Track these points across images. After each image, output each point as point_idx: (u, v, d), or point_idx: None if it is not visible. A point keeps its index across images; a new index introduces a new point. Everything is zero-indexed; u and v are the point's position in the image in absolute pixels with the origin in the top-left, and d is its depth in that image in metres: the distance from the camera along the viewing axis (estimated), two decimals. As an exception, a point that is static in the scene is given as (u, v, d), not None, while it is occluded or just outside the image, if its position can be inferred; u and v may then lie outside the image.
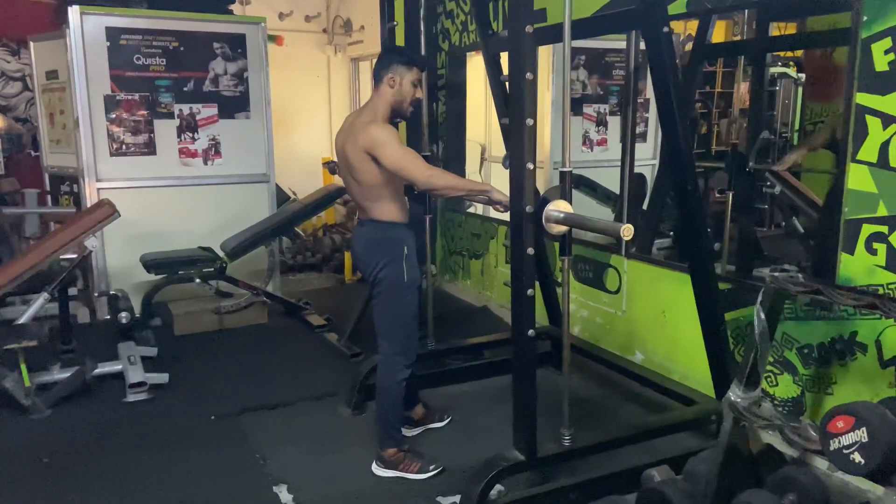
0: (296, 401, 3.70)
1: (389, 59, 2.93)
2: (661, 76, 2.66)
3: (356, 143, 2.82)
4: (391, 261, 2.92)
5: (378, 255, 2.95)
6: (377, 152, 2.77)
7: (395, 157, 2.77)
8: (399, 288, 2.93)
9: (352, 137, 2.85)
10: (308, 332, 4.78)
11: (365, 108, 2.95)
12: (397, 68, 2.88)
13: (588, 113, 5.92)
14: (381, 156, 2.77)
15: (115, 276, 5.01)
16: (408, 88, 2.90)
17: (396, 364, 2.98)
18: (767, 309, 2.59)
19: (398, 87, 2.88)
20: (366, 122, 2.83)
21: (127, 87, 4.93)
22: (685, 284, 3.17)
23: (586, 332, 4.33)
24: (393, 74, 2.87)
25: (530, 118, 2.39)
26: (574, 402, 3.60)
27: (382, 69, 2.90)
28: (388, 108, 2.90)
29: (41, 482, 2.93)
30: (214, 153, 5.24)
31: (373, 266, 2.95)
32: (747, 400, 2.61)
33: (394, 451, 3.00)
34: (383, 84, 2.88)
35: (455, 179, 2.94)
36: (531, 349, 2.57)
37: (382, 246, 2.96)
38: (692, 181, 2.76)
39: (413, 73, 2.91)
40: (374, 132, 2.78)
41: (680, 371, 3.62)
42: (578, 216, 2.46)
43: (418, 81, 2.94)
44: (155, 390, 3.79)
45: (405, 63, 2.90)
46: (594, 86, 5.95)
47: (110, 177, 4.96)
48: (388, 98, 2.89)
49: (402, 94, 2.90)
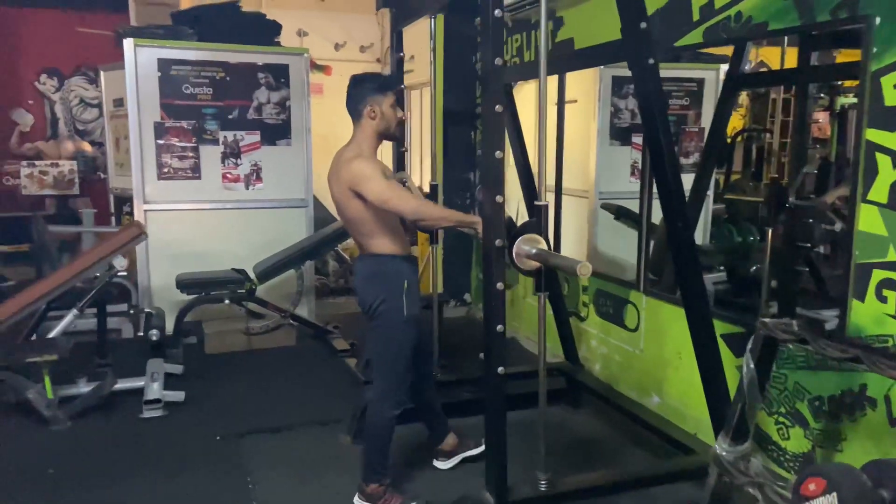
0: (300, 425, 3.72)
1: (361, 90, 2.90)
2: (648, 109, 2.56)
3: (340, 180, 2.82)
4: (390, 295, 2.89)
5: (377, 290, 2.91)
6: (361, 188, 2.76)
7: (378, 191, 2.75)
8: (397, 323, 2.89)
9: (336, 175, 2.86)
10: (331, 357, 4.83)
11: (349, 145, 2.93)
12: (373, 97, 2.86)
13: (637, 142, 5.77)
14: (364, 191, 2.75)
15: (158, 294, 5.22)
16: (389, 113, 2.89)
17: (388, 400, 2.93)
18: (757, 357, 2.43)
19: (379, 116, 2.87)
20: (349, 159, 2.82)
21: (175, 114, 5.18)
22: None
23: (605, 370, 4.17)
24: (371, 105, 2.86)
25: (499, 151, 2.34)
26: (581, 442, 3.53)
27: (358, 103, 2.88)
28: (374, 140, 2.90)
29: (40, 492, 3.05)
30: (256, 178, 5.42)
31: (372, 300, 2.92)
32: (734, 454, 2.45)
33: (375, 487, 2.95)
34: (363, 118, 2.87)
35: (444, 211, 2.92)
36: (501, 387, 2.49)
37: (381, 280, 2.92)
38: (683, 218, 2.63)
39: (389, 96, 2.90)
40: (356, 168, 2.77)
41: (694, 417, 3.43)
42: (545, 252, 2.38)
43: (396, 102, 2.93)
44: (170, 407, 3.90)
45: (379, 90, 2.88)
46: (646, 115, 5.80)
47: (157, 199, 5.20)
48: (372, 130, 2.88)
49: (386, 121, 2.88)
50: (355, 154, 2.84)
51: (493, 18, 2.25)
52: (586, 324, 4.38)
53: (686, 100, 5.56)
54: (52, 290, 3.78)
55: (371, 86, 2.89)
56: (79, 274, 3.87)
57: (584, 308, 4.39)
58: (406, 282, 2.91)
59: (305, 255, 4.90)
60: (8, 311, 3.62)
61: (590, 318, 4.34)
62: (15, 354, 3.60)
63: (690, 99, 5.55)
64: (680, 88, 5.55)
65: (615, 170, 5.40)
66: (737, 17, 3.00)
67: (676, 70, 5.50)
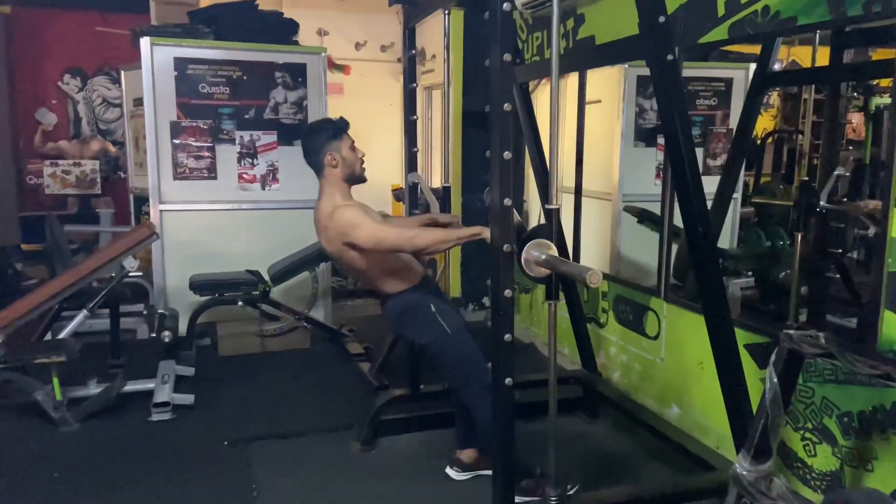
0: (309, 431, 3.65)
1: (316, 141, 2.86)
2: (667, 108, 2.43)
3: (330, 238, 2.81)
4: (426, 327, 2.89)
5: (411, 328, 2.94)
6: (352, 238, 2.73)
7: (369, 235, 2.72)
8: (450, 341, 2.88)
9: (325, 234, 2.84)
10: (345, 361, 4.75)
11: (322, 198, 2.89)
12: (329, 145, 2.83)
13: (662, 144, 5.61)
14: (356, 239, 2.73)
15: (174, 294, 5.19)
16: (350, 156, 2.86)
17: None
18: (780, 371, 2.29)
19: (341, 163, 2.83)
20: (329, 214, 2.79)
21: (192, 114, 5.14)
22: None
23: (625, 378, 4.04)
24: (330, 154, 2.82)
25: (507, 152, 2.23)
26: (597, 455, 3.40)
27: (316, 155, 2.84)
28: (343, 187, 2.86)
29: (43, 496, 3.01)
30: (272, 179, 5.36)
31: (412, 338, 2.96)
32: (754, 474, 2.31)
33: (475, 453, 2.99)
34: (325, 168, 2.84)
35: (441, 233, 2.82)
36: (510, 400, 2.37)
37: (409, 317, 2.94)
38: (704, 223, 2.50)
39: (346, 139, 2.87)
40: (340, 219, 2.75)
41: (716, 430, 3.28)
42: (555, 258, 2.26)
43: (353, 142, 2.89)
44: (179, 411, 3.85)
45: (334, 136, 2.84)
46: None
47: (173, 199, 5.16)
48: (337, 178, 2.85)
49: (349, 166, 2.85)
50: (332, 206, 2.80)
51: (501, 12, 2.14)
52: (605, 330, 4.24)
53: (714, 100, 5.41)
54: (61, 292, 3.75)
55: (325, 134, 2.85)
56: (88, 275, 3.84)
57: (604, 314, 4.26)
58: (431, 305, 2.90)
59: (320, 258, 4.82)
60: (15, 314, 3.59)
61: (609, 325, 4.21)
62: (24, 355, 3.57)
63: (718, 99, 5.40)
64: (707, 88, 5.40)
65: (639, 172, 5.27)
66: (764, 12, 2.85)
67: (704, 69, 5.35)
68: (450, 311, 2.99)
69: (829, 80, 3.86)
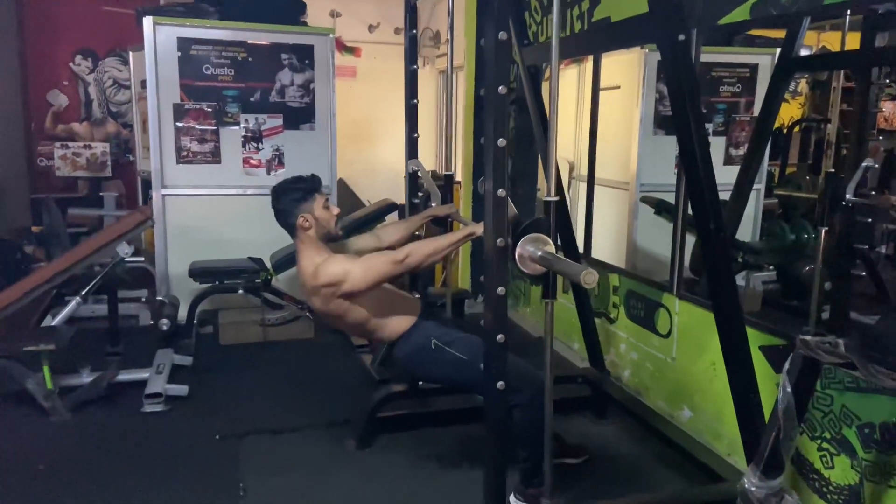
0: (304, 426, 3.52)
1: (286, 204, 2.73)
2: (677, 91, 2.24)
3: (324, 298, 2.70)
4: (439, 361, 2.76)
5: (425, 368, 2.83)
6: (346, 288, 2.64)
7: (362, 276, 2.63)
8: (471, 366, 2.65)
9: (317, 298, 2.73)
10: (347, 352, 4.62)
11: (301, 261, 2.77)
12: (300, 207, 2.70)
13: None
14: (352, 287, 2.64)
15: (177, 281, 5.09)
16: (324, 215, 2.74)
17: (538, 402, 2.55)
18: (795, 379, 2.11)
19: (313, 223, 2.71)
20: (313, 274, 2.67)
21: (195, 96, 5.02)
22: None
23: (635, 377, 3.86)
24: (301, 216, 2.70)
25: (502, 139, 2.06)
26: (601, 459, 3.23)
27: (287, 217, 2.73)
28: (319, 246, 2.74)
29: (25, 489, 2.92)
30: (278, 164, 5.23)
31: (432, 377, 2.87)
32: (764, 490, 2.14)
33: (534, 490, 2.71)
34: (298, 230, 2.71)
35: (433, 243, 2.69)
36: (502, 403, 2.22)
37: (418, 358, 2.81)
38: (716, 216, 2.31)
39: (318, 198, 2.74)
40: (327, 276, 2.64)
41: (728, 436, 3.10)
42: (551, 255, 2.09)
43: (326, 199, 2.77)
44: (173, 402, 3.75)
45: (304, 197, 2.72)
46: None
47: (176, 183, 5.06)
48: (312, 238, 2.73)
49: (323, 224, 2.74)
50: (314, 266, 2.68)
51: (495, -15, 1.97)
52: (616, 326, 4.06)
53: (738, 87, 5.17)
54: (52, 278, 3.65)
55: (295, 196, 2.72)
56: (79, 261, 3.74)
57: (615, 310, 4.08)
58: (433, 340, 2.77)
59: (323, 245, 4.68)
60: (5, 301, 3.50)
61: (620, 321, 4.03)
62: (13, 343, 3.48)
63: (742, 86, 5.16)
64: (731, 74, 5.17)
65: (658, 161, 5.05)
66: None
67: (728, 55, 5.12)
68: (457, 335, 2.83)
69: (859, 65, 3.61)
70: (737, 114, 5.18)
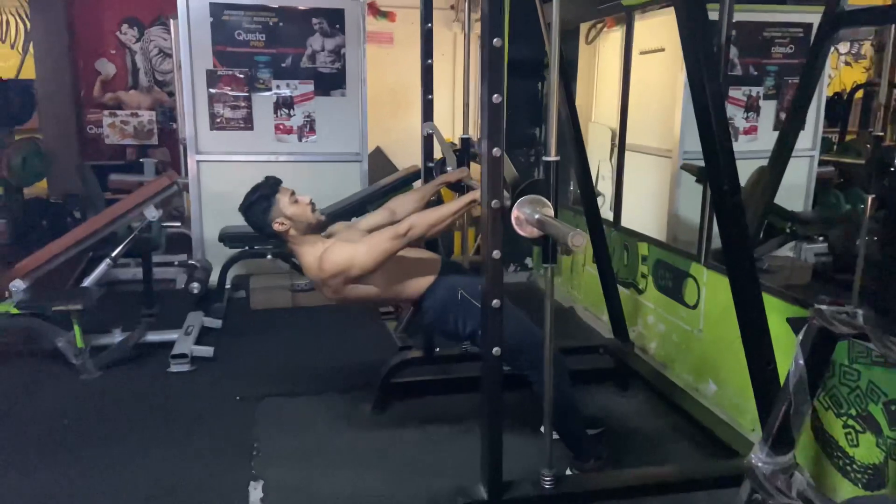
0: (322, 390, 3.54)
1: (256, 215, 2.71)
2: (690, 42, 2.10)
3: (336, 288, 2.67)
4: (462, 312, 2.70)
5: (450, 319, 2.74)
6: (355, 272, 2.59)
7: (368, 256, 2.57)
8: None
9: (328, 289, 2.70)
10: (373, 319, 4.62)
11: (302, 258, 2.74)
12: (269, 214, 2.66)
13: (735, 97, 5.14)
14: (361, 269, 2.58)
15: (211, 246, 5.17)
16: (295, 211, 2.67)
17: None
18: (808, 352, 1.99)
19: (288, 223, 2.66)
20: (318, 267, 2.63)
21: (228, 62, 5.03)
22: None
23: (661, 349, 3.74)
24: (275, 221, 2.65)
25: (497, 94, 1.97)
26: (620, 432, 3.15)
27: (264, 228, 2.70)
28: (309, 237, 2.70)
29: (48, 442, 3.02)
30: (309, 130, 5.22)
31: (454, 331, 2.76)
32: (771, 467, 2.04)
33: (592, 464, 2.70)
34: (281, 234, 2.67)
35: (435, 212, 2.61)
36: (497, 370, 2.16)
37: (442, 310, 2.75)
38: (730, 178, 2.18)
39: (280, 198, 2.68)
40: (332, 265, 2.60)
41: (753, 411, 2.95)
42: (547, 217, 2.01)
43: (291, 194, 2.70)
44: (199, 363, 3.82)
45: (267, 205, 2.67)
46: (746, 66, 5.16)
47: (209, 150, 5.10)
48: (296, 237, 2.68)
49: (299, 219, 2.67)
50: (316, 259, 2.64)
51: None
52: (644, 297, 3.94)
53: (790, 47, 4.90)
54: (82, 241, 3.74)
55: (259, 207, 2.69)
56: (108, 224, 3.81)
57: (643, 279, 3.95)
58: (460, 292, 2.70)
59: (349, 213, 4.66)
60: (35, 262, 3.60)
61: (648, 292, 3.90)
62: (43, 302, 3.59)
63: (795, 46, 4.89)
64: (783, 35, 4.90)
65: (704, 127, 4.84)
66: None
67: (779, 13, 4.85)
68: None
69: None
70: (789, 76, 4.91)
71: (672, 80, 4.85)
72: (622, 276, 4.15)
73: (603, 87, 5.60)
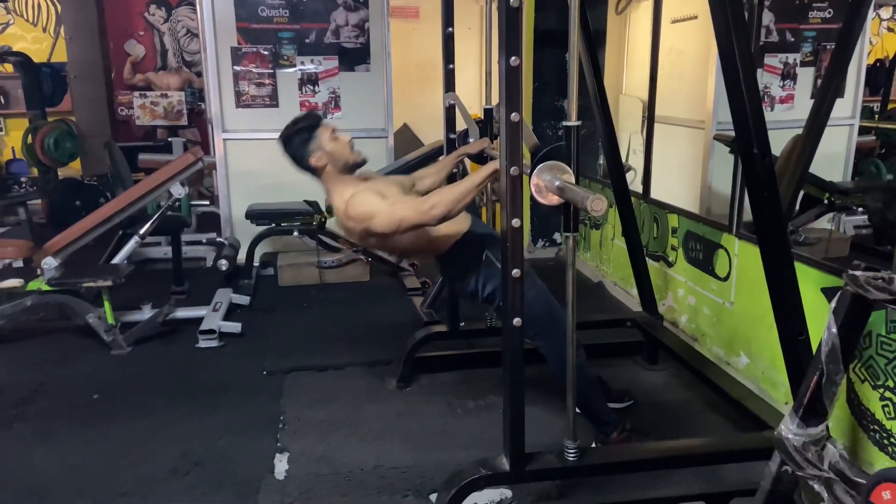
0: (348, 365, 3.55)
1: (294, 149, 2.64)
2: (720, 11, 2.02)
3: (356, 234, 2.62)
4: (484, 273, 2.65)
5: (471, 278, 2.69)
6: (372, 226, 2.51)
7: (386, 223, 2.48)
8: None
9: (352, 234, 2.67)
10: (400, 295, 4.61)
11: (332, 197, 2.68)
12: (308, 146, 2.59)
13: (771, 64, 4.97)
14: (376, 228, 2.51)
15: (239, 224, 5.19)
16: (335, 147, 2.60)
17: None
18: (842, 320, 1.92)
19: (327, 157, 2.59)
20: (344, 211, 2.58)
21: (252, 39, 5.02)
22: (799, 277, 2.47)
23: (692, 323, 3.66)
24: (313, 154, 2.58)
25: (515, 57, 1.91)
26: (650, 404, 3.10)
27: (301, 161, 2.62)
28: (345, 177, 2.63)
29: (79, 415, 3.07)
30: (334, 106, 5.20)
31: (475, 290, 2.70)
32: (802, 438, 1.97)
33: (616, 436, 2.66)
34: (317, 170, 2.61)
35: (455, 188, 2.49)
36: (519, 341, 2.12)
37: (465, 268, 2.70)
38: (760, 137, 2.09)
39: (322, 132, 2.61)
40: (356, 211, 2.53)
41: (786, 384, 2.88)
42: (567, 184, 1.95)
43: (333, 130, 2.62)
44: (227, 338, 3.85)
45: (307, 138, 2.59)
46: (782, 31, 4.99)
47: (235, 128, 5.12)
48: (333, 174, 2.62)
49: (337, 156, 2.60)
50: (343, 201, 2.58)
51: None
52: (674, 270, 3.86)
53: (828, 12, 4.71)
54: (110, 218, 3.78)
55: (299, 139, 2.61)
56: (134, 202, 3.85)
57: (673, 252, 3.86)
58: (486, 253, 2.64)
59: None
60: (66, 240, 3.65)
61: (678, 264, 3.82)
62: (73, 279, 3.64)
63: (834, 11, 4.70)
64: (823, -1, 4.72)
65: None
66: None
67: (818, -24, 4.67)
68: None
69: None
70: (827, 42, 4.73)
71: (705, 48, 4.71)
72: (652, 248, 4.07)
73: (634, 59, 5.46)
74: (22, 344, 3.83)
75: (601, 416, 2.68)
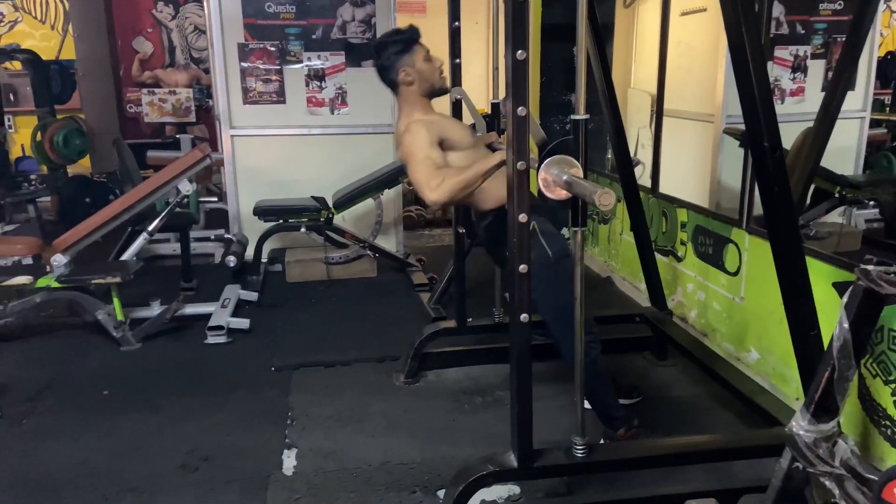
0: (355, 361, 3.55)
1: (386, 58, 2.63)
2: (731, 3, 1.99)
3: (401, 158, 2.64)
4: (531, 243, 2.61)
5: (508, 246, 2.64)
6: (407, 166, 2.56)
7: (412, 172, 2.51)
8: (550, 267, 2.50)
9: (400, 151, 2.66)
10: (407, 290, 4.61)
11: (400, 116, 2.69)
12: (401, 60, 2.59)
13: (781, 57, 4.92)
14: (409, 172, 2.54)
15: (247, 220, 5.20)
16: (425, 68, 2.61)
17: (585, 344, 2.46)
18: (854, 314, 1.90)
19: (416, 77, 2.60)
20: (400, 134, 2.58)
21: (259, 35, 5.02)
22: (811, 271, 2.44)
23: (701, 318, 3.64)
24: (403, 69, 2.58)
25: (522, 50, 1.90)
26: (659, 400, 3.08)
27: (388, 73, 2.63)
28: (422, 104, 2.65)
29: (88, 411, 3.08)
30: (341, 102, 5.19)
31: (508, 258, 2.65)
32: (813, 435, 1.95)
33: (624, 432, 2.64)
34: (401, 86, 2.62)
35: (462, 175, 2.44)
36: (526, 336, 2.11)
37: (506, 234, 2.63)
38: (770, 129, 2.07)
39: (419, 50, 2.62)
40: (405, 147, 2.54)
41: (797, 379, 2.86)
42: (575, 178, 1.93)
43: (427, 52, 2.62)
44: (235, 335, 3.85)
45: (405, 49, 2.60)
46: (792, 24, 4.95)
47: (243, 124, 5.11)
48: (414, 93, 2.63)
49: (426, 78, 2.62)
50: (405, 125, 2.58)
51: None
52: (683, 265, 3.83)
53: (839, 4, 4.67)
54: (119, 215, 3.79)
55: (394, 49, 2.62)
56: (143, 198, 3.85)
57: (682, 247, 3.84)
58: (532, 224, 2.56)
59: (381, 184, 4.65)
60: (75, 236, 3.66)
61: (687, 259, 3.80)
62: (82, 275, 3.65)
63: (845, 3, 4.65)
64: (834, -11, 4.67)
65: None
66: None
67: (829, -34, 4.63)
68: (554, 233, 2.63)
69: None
70: (838, 34, 4.69)
71: (714, 41, 4.67)
72: (660, 243, 4.05)
73: (642, 53, 5.43)
74: (31, 340, 3.85)
75: (611, 412, 2.66)
